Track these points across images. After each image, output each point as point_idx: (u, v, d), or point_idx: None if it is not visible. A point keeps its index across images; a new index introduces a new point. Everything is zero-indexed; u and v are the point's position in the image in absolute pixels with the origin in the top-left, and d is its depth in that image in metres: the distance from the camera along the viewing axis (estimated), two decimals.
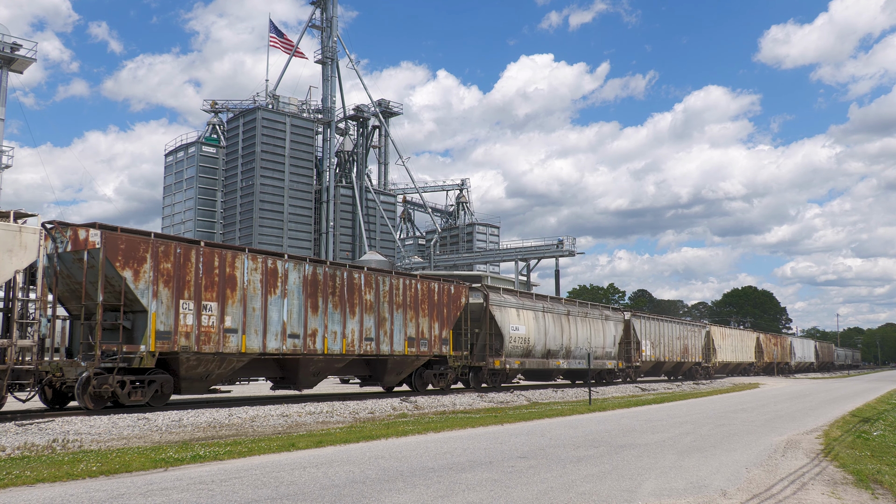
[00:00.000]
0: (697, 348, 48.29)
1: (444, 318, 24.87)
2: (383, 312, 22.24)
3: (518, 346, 28.40)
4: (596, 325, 35.07)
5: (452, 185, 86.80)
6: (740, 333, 60.66)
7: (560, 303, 33.16)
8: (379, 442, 12.59)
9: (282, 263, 19.20)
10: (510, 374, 29.18)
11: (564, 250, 63.73)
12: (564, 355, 32.01)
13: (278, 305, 18.98)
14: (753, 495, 8.40)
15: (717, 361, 52.23)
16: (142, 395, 16.44)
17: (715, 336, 52.59)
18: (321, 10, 68.76)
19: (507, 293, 29.22)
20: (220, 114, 72.62)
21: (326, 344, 20.20)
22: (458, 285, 25.79)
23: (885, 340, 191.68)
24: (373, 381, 23.76)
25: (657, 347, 41.49)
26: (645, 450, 12.02)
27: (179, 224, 68.45)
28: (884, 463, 11.15)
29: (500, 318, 27.53)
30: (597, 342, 34.77)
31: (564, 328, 32.10)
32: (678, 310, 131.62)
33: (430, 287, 24.35)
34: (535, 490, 8.36)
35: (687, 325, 47.80)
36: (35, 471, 8.91)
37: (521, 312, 28.94)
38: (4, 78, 42.35)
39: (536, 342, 29.64)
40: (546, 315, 30.83)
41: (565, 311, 32.64)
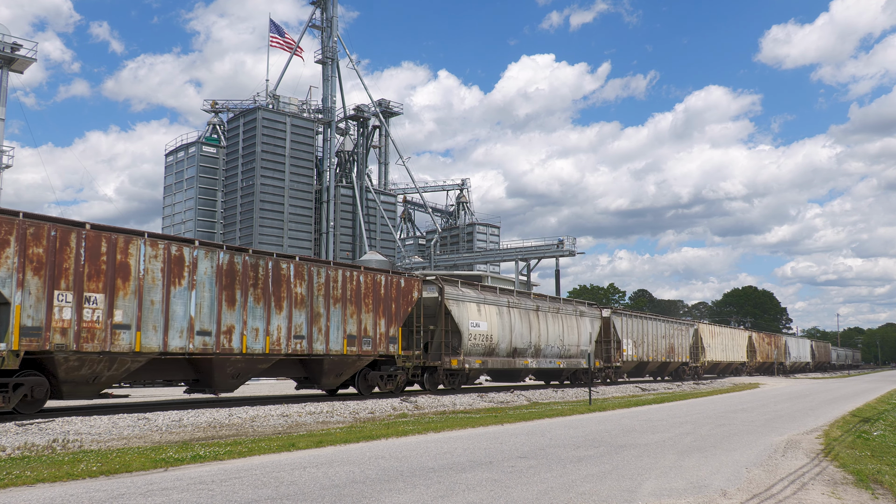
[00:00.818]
0: (685, 347, 46.43)
1: (392, 313, 22.70)
2: (317, 307, 20.10)
3: (479, 344, 26.20)
4: (570, 322, 32.71)
5: (453, 185, 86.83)
6: (731, 332, 58.56)
7: (528, 297, 30.90)
8: (379, 442, 12.59)
9: (190, 251, 17.00)
10: (471, 374, 27.15)
11: (564, 250, 63.73)
12: (533, 354, 29.78)
13: (184, 298, 16.77)
14: (753, 495, 8.40)
15: (706, 361, 50.46)
16: (4, 401, 14.24)
17: (704, 334, 50.63)
18: (321, 10, 68.75)
19: (467, 287, 26.98)
20: (221, 114, 72.64)
21: (245, 342, 18.12)
22: (409, 278, 23.74)
23: (885, 340, 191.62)
24: (309, 382, 21.89)
25: (640, 346, 39.37)
26: (645, 450, 12.02)
27: (180, 224, 68.46)
28: (884, 463, 11.15)
29: (457, 314, 25.25)
30: (571, 340, 32.48)
31: (533, 325, 29.77)
32: (678, 310, 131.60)
33: (376, 280, 22.21)
34: (536, 490, 8.36)
35: (673, 324, 45.51)
36: (35, 471, 8.91)
37: (483, 308, 26.72)
38: (5, 78, 42.35)
39: (500, 340, 27.45)
40: (512, 311, 28.64)
41: (534, 306, 30.39)
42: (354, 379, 22.47)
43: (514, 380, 33.02)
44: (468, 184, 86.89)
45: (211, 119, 72.22)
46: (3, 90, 42.19)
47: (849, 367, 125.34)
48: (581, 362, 33.23)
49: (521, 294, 30.99)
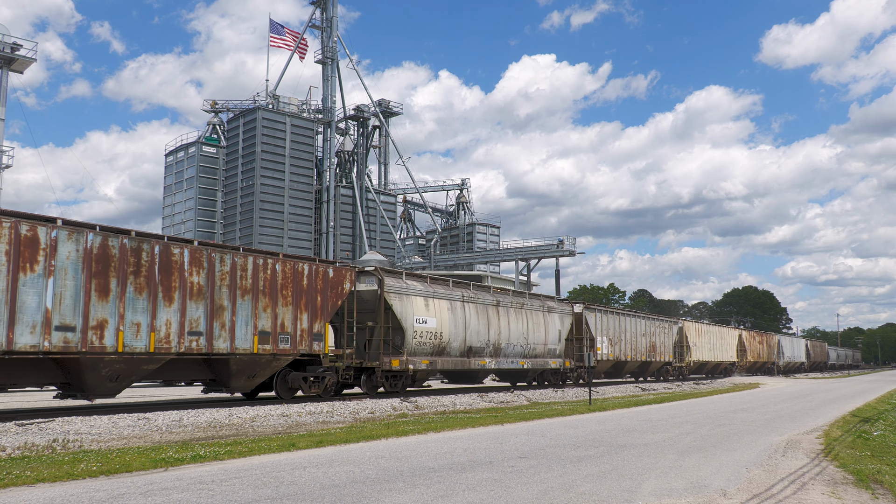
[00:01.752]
0: (667, 346, 43.83)
1: (317, 307, 20.30)
2: (220, 299, 17.65)
3: (426, 342, 23.69)
4: (536, 319, 30.11)
5: (453, 185, 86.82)
6: (720, 330, 55.95)
7: (487, 291, 28.20)
8: (379, 442, 12.59)
9: (47, 232, 14.58)
10: (418, 376, 24.65)
11: (564, 250, 63.72)
12: (492, 353, 27.19)
13: (38, 287, 14.33)
14: (753, 495, 8.40)
15: (692, 361, 47.93)
16: None
17: (689, 333, 48.09)
18: (321, 10, 68.77)
19: (413, 278, 24.49)
20: (221, 114, 72.63)
21: (122, 339, 15.60)
22: (339, 268, 21.20)
23: (885, 340, 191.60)
24: (217, 385, 19.28)
25: (617, 345, 36.88)
26: (645, 450, 12.01)
27: (180, 224, 68.46)
28: (884, 463, 11.15)
29: (399, 309, 22.75)
30: (536, 338, 29.93)
31: (492, 321, 27.19)
32: (678, 310, 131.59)
33: (297, 269, 19.85)
34: (536, 490, 8.36)
35: (655, 321, 43.03)
36: (35, 471, 8.91)
37: (432, 302, 24.22)
38: (5, 78, 42.35)
39: (452, 338, 24.84)
40: (467, 306, 25.97)
41: (494, 301, 27.77)
42: (274, 381, 20.32)
43: (471, 382, 30.61)
44: (468, 184, 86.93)
45: (211, 119, 72.22)
46: (3, 90, 42.19)
47: (848, 367, 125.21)
48: (549, 362, 31.01)
49: (480, 287, 28.34)
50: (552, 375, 32.38)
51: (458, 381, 30.92)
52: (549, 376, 32.35)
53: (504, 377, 32.27)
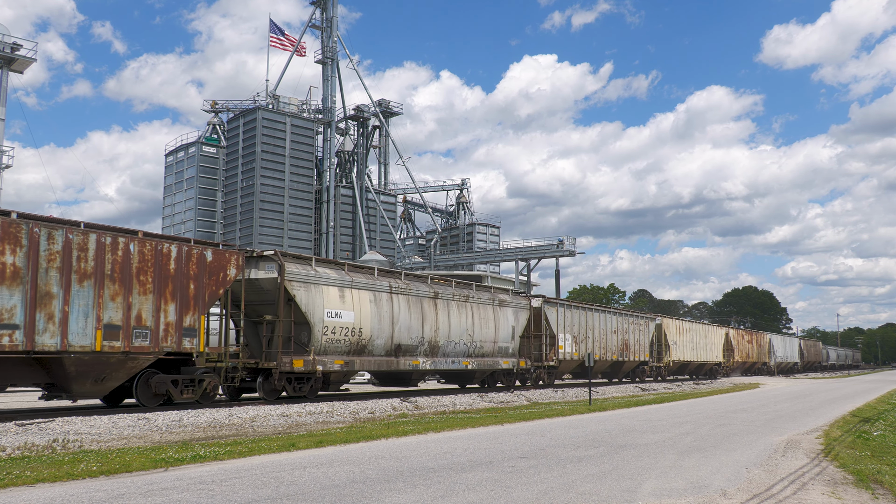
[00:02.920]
0: (643, 344, 40.66)
1: (189, 297, 17.22)
2: (47, 285, 14.76)
3: (341, 339, 20.79)
4: (484, 313, 27.06)
5: (453, 185, 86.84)
6: (704, 328, 52.45)
7: (424, 282, 24.85)
8: (379, 442, 12.59)
9: None
10: (333, 378, 21.83)
11: (564, 250, 63.72)
12: (428, 352, 24.10)
13: None
14: (753, 495, 8.40)
15: (671, 360, 44.71)
16: None
17: (668, 330, 44.74)
18: (321, 11, 68.80)
19: (326, 266, 21.40)
20: (221, 114, 72.66)
21: None
22: (220, 251, 18.19)
23: (885, 340, 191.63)
24: (58, 390, 16.22)
25: (582, 343, 33.82)
26: (645, 450, 12.02)
27: (180, 224, 68.48)
28: (884, 463, 11.15)
29: (304, 301, 19.83)
30: (484, 335, 26.89)
31: (428, 316, 24.14)
32: (678, 310, 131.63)
33: (160, 251, 16.71)
34: (536, 490, 8.36)
35: (628, 317, 39.78)
36: (35, 471, 8.91)
37: (349, 293, 21.20)
38: (5, 78, 42.34)
39: (376, 334, 21.88)
40: (396, 297, 22.97)
41: (430, 292, 24.54)
42: (134, 385, 17.09)
43: (405, 384, 26.68)
44: (468, 184, 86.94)
45: (211, 119, 72.24)
46: (3, 90, 42.19)
47: (848, 367, 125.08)
48: (500, 362, 27.94)
49: (413, 277, 25.11)
50: (505, 377, 29.44)
51: (391, 383, 27.13)
52: (502, 377, 29.38)
53: (449, 379, 29.13)
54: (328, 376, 21.46)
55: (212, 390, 18.32)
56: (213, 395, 18.52)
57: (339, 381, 22.48)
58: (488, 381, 29.29)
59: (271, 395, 20.02)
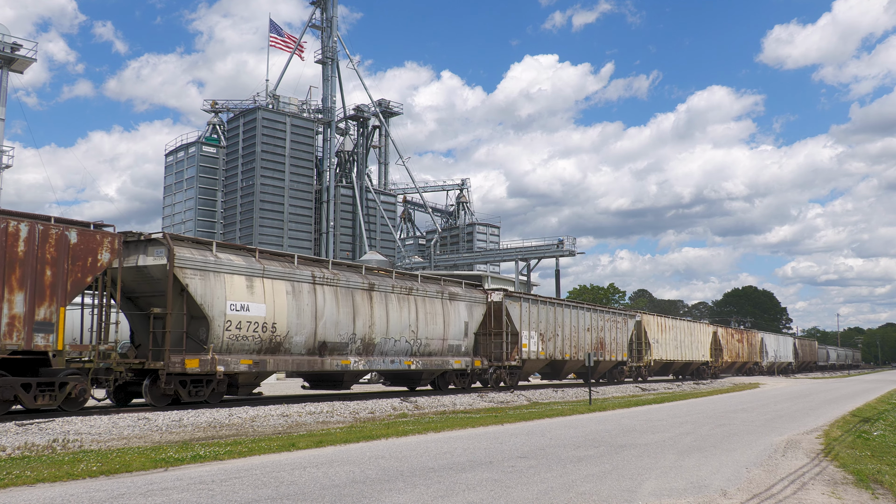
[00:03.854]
0: (621, 343, 37.95)
1: (43, 285, 14.60)
2: None
3: (249, 335, 18.33)
4: (431, 307, 24.54)
5: (453, 185, 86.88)
6: (689, 326, 49.59)
7: (357, 272, 22.38)
8: (379, 442, 12.59)
9: None
10: (242, 380, 19.08)
11: (564, 250, 63.74)
12: (361, 350, 21.62)
13: None
14: (753, 495, 8.40)
15: (653, 360, 42.02)
16: None
17: (649, 328, 41.92)
18: (321, 10, 68.83)
19: (231, 251, 18.88)
20: (221, 114, 72.68)
21: None
22: (88, 232, 15.53)
23: (885, 340, 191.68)
24: None
25: (550, 341, 31.15)
26: (645, 450, 12.02)
27: (180, 224, 68.49)
28: (884, 463, 11.16)
29: (201, 290, 17.23)
30: (432, 331, 24.39)
31: (361, 310, 21.64)
32: (678, 310, 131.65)
33: (5, 229, 14.10)
34: (536, 490, 8.36)
35: (604, 313, 36.96)
36: (35, 471, 8.91)
37: (260, 283, 18.78)
38: (5, 78, 42.35)
39: (294, 330, 19.51)
40: (321, 289, 20.44)
41: (364, 283, 21.97)
42: None
43: (335, 386, 23.97)
44: (468, 184, 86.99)
45: (211, 119, 72.27)
46: (3, 90, 42.20)
47: (848, 367, 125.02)
48: (451, 361, 25.31)
49: (344, 266, 22.44)
50: (458, 378, 26.91)
51: (322, 385, 24.03)
52: (455, 379, 26.84)
53: (394, 381, 26.80)
54: (235, 378, 18.84)
55: (78, 395, 15.49)
56: (81, 400, 15.74)
57: (250, 383, 19.64)
58: (438, 383, 26.78)
59: (161, 401, 17.15)
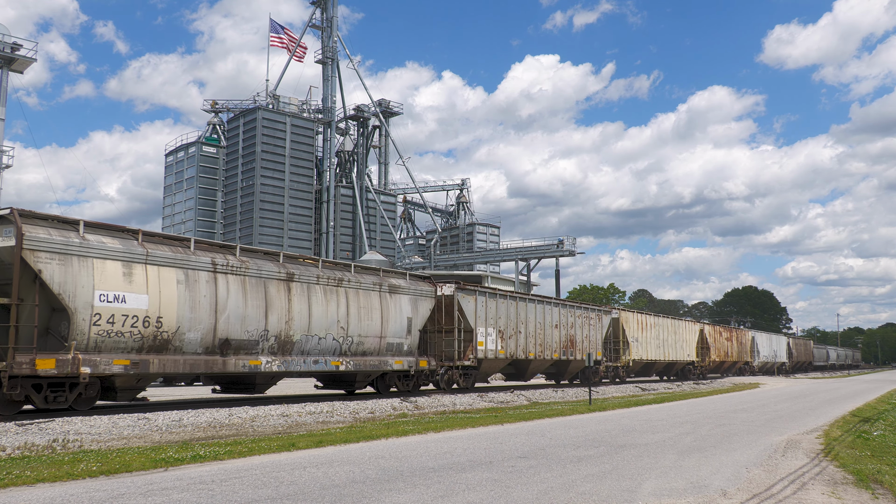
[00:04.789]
0: (595, 341, 35.30)
1: None
2: None
3: (126, 331, 15.70)
4: (365, 301, 21.91)
5: (453, 185, 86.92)
6: (673, 323, 46.55)
7: (272, 260, 19.71)
8: (379, 442, 12.59)
9: None
10: (119, 383, 16.23)
11: (564, 250, 63.76)
12: (276, 349, 19.12)
13: None
14: (753, 495, 8.40)
15: (632, 360, 39.40)
16: None
17: (627, 325, 39.30)
18: (321, 11, 68.83)
19: (100, 231, 15.99)
20: (221, 114, 72.69)
21: None
22: None
23: (885, 340, 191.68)
24: None
25: (511, 339, 28.67)
26: (645, 450, 12.02)
27: (180, 224, 68.49)
28: (884, 463, 11.15)
29: (58, 278, 14.68)
30: (366, 328, 21.80)
31: (276, 303, 19.09)
32: (678, 309, 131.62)
33: None
34: (536, 490, 8.36)
35: (574, 309, 34.17)
36: (35, 471, 8.91)
37: (141, 270, 16.08)
38: (5, 78, 42.35)
39: (187, 325, 16.96)
40: (224, 278, 17.91)
41: (281, 273, 19.42)
42: None
43: (248, 390, 20.53)
44: (468, 184, 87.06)
45: (211, 119, 72.27)
46: (3, 90, 42.19)
47: (848, 367, 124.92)
48: (390, 361, 22.77)
49: (258, 254, 19.84)
50: (401, 380, 24.24)
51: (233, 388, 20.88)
52: (397, 381, 24.16)
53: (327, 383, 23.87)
54: (111, 381, 16.16)
55: None
56: None
57: (131, 387, 16.78)
58: (378, 386, 24.19)
59: (8, 409, 14.77)
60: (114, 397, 16.72)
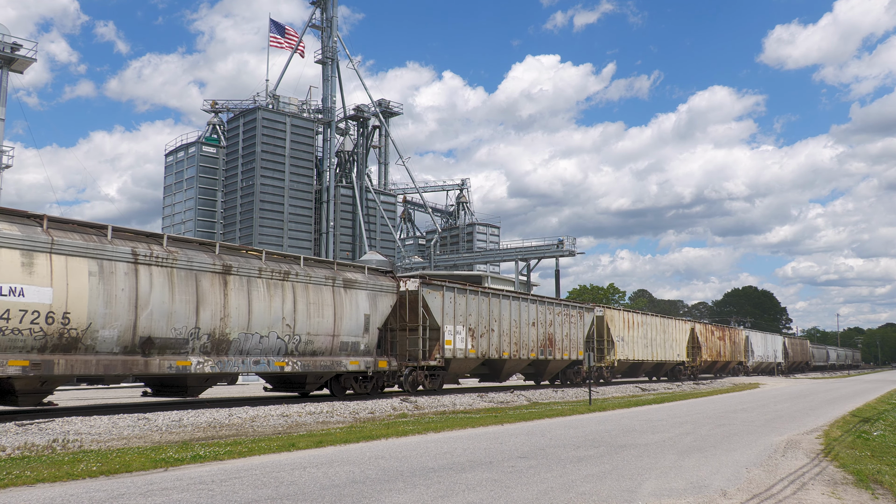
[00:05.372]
0: (577, 340, 33.60)
1: None
2: None
3: (23, 329, 14.20)
4: (315, 296, 20.35)
5: (453, 185, 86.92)
6: (663, 322, 44.56)
7: (206, 251, 17.98)
8: (379, 442, 12.59)
9: None
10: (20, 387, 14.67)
11: (564, 250, 63.75)
12: (209, 349, 17.48)
13: None
14: (753, 495, 8.40)
15: (616, 359, 37.54)
16: None
17: (613, 324, 37.51)
18: (321, 11, 68.85)
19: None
20: (221, 114, 72.68)
21: None
22: None
23: (885, 340, 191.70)
24: None
25: (483, 337, 26.88)
26: (645, 450, 12.02)
27: (180, 224, 68.48)
28: (884, 463, 11.16)
29: None
30: (316, 325, 20.28)
31: (209, 297, 17.44)
32: (678, 310, 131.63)
33: None
34: (536, 490, 8.36)
35: (554, 306, 32.39)
36: (35, 471, 8.91)
37: (44, 260, 14.58)
38: (5, 78, 42.34)
39: (101, 321, 15.38)
40: (147, 270, 16.32)
41: (217, 265, 17.79)
42: None
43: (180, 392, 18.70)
44: (468, 184, 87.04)
45: (211, 119, 72.26)
46: (3, 90, 42.19)
47: (848, 367, 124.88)
48: (345, 362, 21.19)
49: (193, 244, 18.22)
50: (359, 382, 22.47)
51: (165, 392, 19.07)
52: (351, 383, 22.27)
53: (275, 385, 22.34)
54: (10, 384, 14.55)
55: None
56: None
57: (33, 390, 15.11)
58: (331, 388, 22.33)
59: None
60: (15, 402, 15.04)
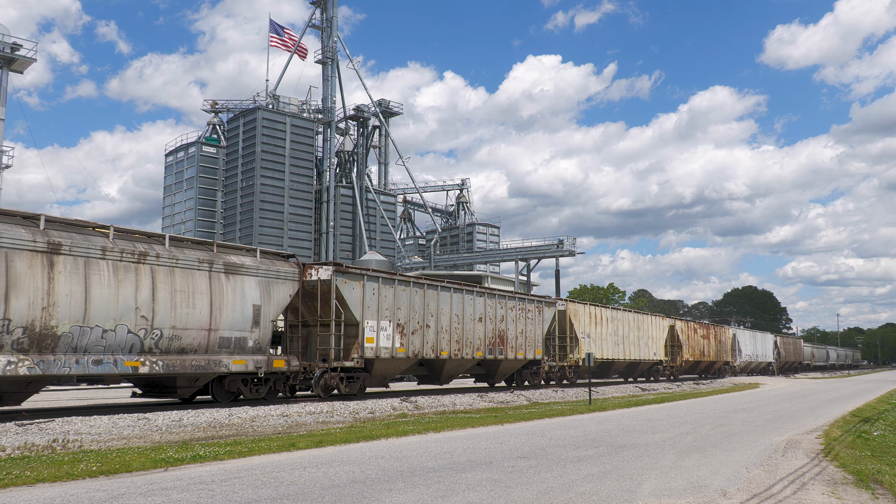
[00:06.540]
0: (535, 337, 30.40)
1: None
2: None
3: None
4: (186, 283, 17.34)
5: (453, 185, 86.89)
6: (636, 318, 40.99)
7: (29, 225, 14.92)
8: (379, 442, 12.59)
9: None
10: None
11: (564, 250, 63.73)
12: (27, 346, 14.39)
13: None
14: (753, 495, 8.40)
15: (580, 358, 33.77)
16: None
17: (577, 319, 34.20)
18: (321, 11, 68.84)
19: None
20: (221, 114, 72.65)
21: None
22: None
23: (885, 340, 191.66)
24: None
25: (416, 334, 23.79)
26: (645, 450, 12.02)
27: (180, 224, 68.47)
28: (884, 463, 11.16)
29: None
30: (186, 318, 17.23)
31: (26, 282, 14.40)
32: (678, 309, 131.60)
33: None
34: (536, 490, 8.36)
35: (505, 299, 28.94)
36: (35, 471, 8.91)
37: None
38: (5, 78, 42.33)
39: None
40: None
41: (38, 243, 14.73)
42: None
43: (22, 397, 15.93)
44: (468, 184, 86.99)
45: (211, 119, 72.23)
46: (3, 90, 42.18)
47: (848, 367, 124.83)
48: (227, 362, 18.25)
49: (2, 217, 14.69)
50: (250, 385, 19.71)
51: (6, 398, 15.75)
52: (242, 385, 19.47)
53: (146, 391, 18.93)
54: None
55: None
56: None
57: None
58: (213, 391, 19.27)
59: None
60: None
